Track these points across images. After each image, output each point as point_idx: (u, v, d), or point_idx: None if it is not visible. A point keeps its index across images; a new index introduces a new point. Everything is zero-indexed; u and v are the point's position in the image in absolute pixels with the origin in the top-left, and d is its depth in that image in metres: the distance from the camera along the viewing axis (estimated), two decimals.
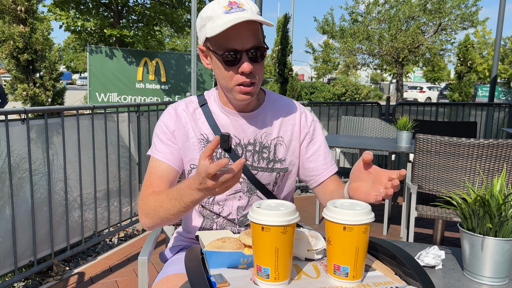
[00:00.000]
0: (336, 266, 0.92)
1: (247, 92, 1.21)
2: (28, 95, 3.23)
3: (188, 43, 30.88)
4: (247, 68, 1.17)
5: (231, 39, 1.15)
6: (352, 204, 0.95)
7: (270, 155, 1.34)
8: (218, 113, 1.33)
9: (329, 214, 0.92)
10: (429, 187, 2.66)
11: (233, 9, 1.15)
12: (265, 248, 0.88)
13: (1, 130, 2.49)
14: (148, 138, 3.84)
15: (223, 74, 1.21)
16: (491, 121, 6.22)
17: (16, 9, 3.29)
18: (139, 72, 12.26)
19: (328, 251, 0.94)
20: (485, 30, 28.51)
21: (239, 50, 1.16)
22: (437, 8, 16.86)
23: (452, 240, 3.60)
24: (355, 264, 0.91)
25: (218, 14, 1.15)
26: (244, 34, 1.16)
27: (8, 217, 2.56)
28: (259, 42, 1.19)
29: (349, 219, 0.89)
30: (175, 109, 1.35)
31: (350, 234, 0.90)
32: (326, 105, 5.59)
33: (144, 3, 13.51)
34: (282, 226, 0.87)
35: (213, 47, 1.20)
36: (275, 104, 1.38)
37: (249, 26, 1.16)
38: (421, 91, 30.17)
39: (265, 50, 1.21)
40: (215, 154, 1.30)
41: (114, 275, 2.87)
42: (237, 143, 1.32)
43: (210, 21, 1.17)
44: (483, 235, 0.94)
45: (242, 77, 1.19)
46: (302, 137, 1.38)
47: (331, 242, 0.93)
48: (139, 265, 1.35)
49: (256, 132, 1.33)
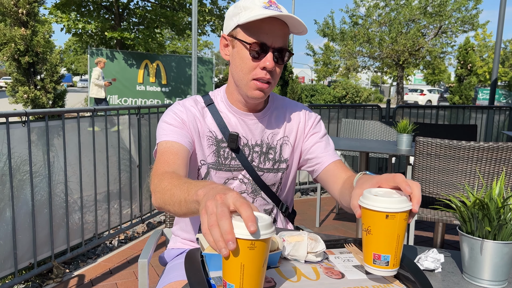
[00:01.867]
0: (376, 256, 0.91)
1: (262, 89, 1.21)
2: (29, 97, 3.24)
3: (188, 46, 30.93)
4: (270, 64, 1.17)
5: (263, 33, 1.17)
6: (388, 192, 0.94)
7: (275, 156, 1.34)
8: (225, 112, 1.32)
9: (369, 203, 0.90)
10: (429, 190, 2.66)
11: (271, 6, 1.18)
12: (230, 262, 0.81)
13: (2, 132, 2.50)
14: (149, 140, 3.85)
15: (244, 65, 1.20)
16: (491, 124, 6.22)
17: (18, 11, 3.31)
18: (139, 75, 12.29)
19: (367, 241, 0.92)
20: (486, 33, 28.54)
21: (268, 45, 1.17)
22: (437, 11, 16.91)
23: (452, 243, 3.60)
24: (396, 252, 0.90)
25: (257, 6, 1.17)
26: (276, 32, 1.18)
27: (9, 219, 2.56)
28: (286, 45, 1.21)
29: (391, 207, 0.87)
30: (183, 104, 1.31)
31: (392, 222, 0.88)
32: (326, 107, 5.59)
33: (145, 6, 13.55)
34: (249, 240, 0.78)
35: (242, 36, 1.20)
36: (279, 104, 1.39)
37: (283, 27, 1.18)
38: (421, 94, 30.20)
39: (290, 55, 1.23)
40: (222, 153, 1.30)
41: (114, 278, 2.87)
42: (244, 143, 1.32)
43: (247, 11, 1.17)
44: (482, 238, 0.95)
45: (262, 72, 1.19)
46: (306, 132, 1.39)
47: (371, 231, 0.90)
48: (139, 268, 1.35)
49: (263, 132, 1.33)
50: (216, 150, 1.30)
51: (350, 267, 1.02)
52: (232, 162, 1.31)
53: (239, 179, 1.32)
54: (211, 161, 1.30)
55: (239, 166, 1.31)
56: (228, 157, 1.30)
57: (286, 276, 0.96)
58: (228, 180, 1.32)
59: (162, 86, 12.59)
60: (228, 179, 1.32)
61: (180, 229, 1.43)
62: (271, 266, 1.00)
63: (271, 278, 0.94)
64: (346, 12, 18.31)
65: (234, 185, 1.32)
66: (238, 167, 1.31)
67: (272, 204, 1.38)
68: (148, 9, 13.34)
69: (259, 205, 1.36)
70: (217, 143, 1.30)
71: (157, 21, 13.26)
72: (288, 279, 0.94)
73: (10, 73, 3.45)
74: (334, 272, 0.98)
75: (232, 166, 1.31)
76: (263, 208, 1.36)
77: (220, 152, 1.30)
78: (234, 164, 1.31)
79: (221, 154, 1.30)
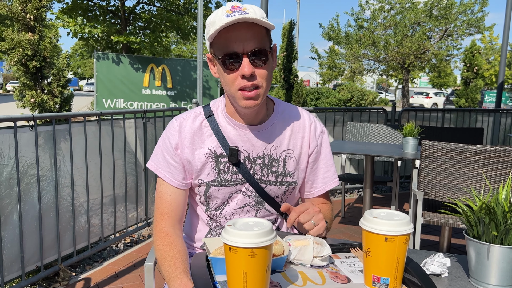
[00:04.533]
0: (375, 278, 0.91)
1: (250, 97, 1.17)
2: (36, 101, 3.27)
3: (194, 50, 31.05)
4: (247, 71, 1.13)
5: (231, 42, 1.14)
6: (390, 214, 0.93)
7: (279, 168, 1.31)
8: (225, 125, 1.29)
9: (368, 224, 0.90)
10: (435, 193, 2.65)
11: (234, 12, 1.13)
12: (232, 271, 0.83)
13: (10, 136, 2.52)
14: (154, 144, 3.85)
15: (225, 79, 1.19)
16: (498, 127, 6.18)
17: (26, 17, 3.34)
18: (145, 79, 12.34)
19: (367, 262, 0.92)
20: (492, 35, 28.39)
21: (239, 53, 1.14)
22: (443, 14, 16.85)
23: (459, 247, 3.57)
24: (396, 275, 0.90)
25: (220, 18, 1.13)
26: (244, 37, 1.14)
27: (16, 222, 2.58)
28: (261, 45, 1.16)
29: (390, 230, 0.87)
30: (180, 124, 1.29)
31: (391, 245, 0.88)
32: (331, 111, 5.59)
33: (151, 10, 13.62)
34: (249, 248, 0.80)
35: (216, 51, 1.18)
36: (284, 115, 1.34)
37: (250, 28, 1.14)
38: (427, 97, 30.06)
39: (268, 54, 1.18)
40: (223, 168, 1.28)
41: (120, 281, 2.87)
42: (245, 156, 1.28)
43: (213, 25, 1.14)
44: (489, 243, 0.94)
45: (244, 81, 1.16)
46: (310, 150, 1.36)
47: (370, 253, 0.90)
48: (145, 271, 1.35)
49: (265, 145, 1.30)
50: (216, 166, 1.28)
51: (356, 271, 1.01)
52: (234, 176, 1.28)
53: (242, 192, 1.30)
54: (212, 179, 1.28)
55: (241, 179, 1.28)
56: (229, 171, 1.28)
57: (292, 280, 0.96)
58: (231, 195, 1.30)
59: (167, 90, 12.63)
60: (231, 194, 1.30)
61: (185, 233, 1.44)
62: (277, 270, 1.00)
63: (277, 282, 0.94)
64: (351, 15, 18.29)
65: (237, 198, 1.30)
66: (240, 181, 1.29)
67: (276, 214, 1.36)
68: (154, 13, 13.40)
69: (262, 216, 1.33)
70: (216, 159, 1.27)
71: (162, 25, 13.32)
72: (294, 284, 0.95)
73: (17, 77, 3.48)
74: (340, 277, 0.98)
75: (234, 180, 1.28)
76: (266, 219, 1.36)
77: (220, 167, 1.28)
78: (236, 178, 1.28)
79: (221, 170, 1.28)
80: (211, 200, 1.31)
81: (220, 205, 1.31)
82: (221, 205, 1.32)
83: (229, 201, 1.31)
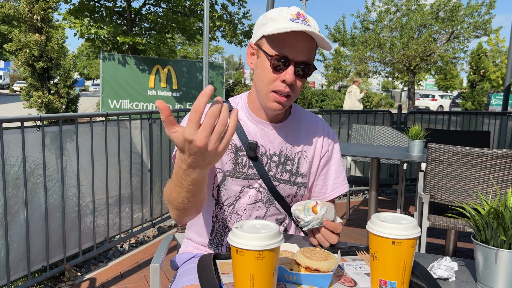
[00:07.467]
0: (382, 282, 0.91)
1: (280, 102, 1.21)
2: (43, 102, 3.29)
3: (199, 51, 31.12)
4: (289, 78, 1.17)
5: (286, 46, 1.17)
6: (397, 218, 0.93)
7: (293, 168, 1.34)
8: (245, 120, 1.33)
9: (375, 228, 0.90)
10: (442, 197, 2.64)
11: (299, 19, 1.17)
12: (239, 273, 0.84)
13: (17, 136, 2.53)
14: (160, 145, 3.87)
15: (265, 76, 1.21)
16: (505, 130, 6.14)
17: (32, 18, 3.37)
18: (151, 80, 12.39)
19: (374, 266, 0.92)
20: (498, 38, 28.25)
21: (290, 59, 1.17)
22: (449, 16, 16.77)
23: (465, 250, 3.55)
24: (402, 279, 0.90)
25: (284, 18, 1.17)
26: (300, 47, 1.17)
27: (23, 222, 2.59)
28: (310, 59, 1.20)
29: (398, 234, 0.87)
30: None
31: (399, 248, 0.87)
32: (337, 113, 5.58)
33: (157, 11, 13.68)
34: (257, 251, 0.80)
35: (266, 47, 1.20)
36: (300, 117, 1.39)
37: (308, 41, 1.18)
38: (433, 99, 29.94)
39: (313, 70, 1.22)
40: (240, 161, 1.30)
41: (125, 282, 2.88)
42: (263, 152, 1.31)
43: (274, 22, 1.18)
44: (497, 248, 0.94)
45: (282, 85, 1.19)
46: (322, 153, 1.39)
47: (377, 257, 0.90)
48: (151, 273, 1.35)
49: (282, 143, 1.33)
50: (234, 158, 1.30)
51: (362, 274, 1.01)
52: (250, 171, 1.31)
53: (255, 188, 1.32)
54: (229, 169, 1.30)
55: (256, 174, 1.31)
56: (245, 165, 1.30)
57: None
58: (244, 188, 1.32)
59: (173, 91, 12.68)
60: (244, 187, 1.32)
61: (193, 231, 1.44)
62: None
63: (284, 284, 0.94)
64: (357, 17, 18.25)
65: (250, 194, 1.32)
66: (255, 176, 1.31)
67: (285, 214, 1.38)
68: (160, 15, 13.46)
69: (272, 214, 1.36)
70: (235, 151, 1.30)
71: (168, 26, 13.38)
72: (300, 286, 0.94)
73: (24, 78, 3.51)
74: (346, 280, 0.98)
75: (249, 175, 1.31)
76: (275, 217, 1.37)
77: (238, 160, 1.30)
78: (251, 172, 1.31)
79: (239, 162, 1.30)
80: (224, 195, 1.32)
81: (232, 200, 1.33)
82: (233, 201, 1.33)
83: (242, 196, 1.33)
